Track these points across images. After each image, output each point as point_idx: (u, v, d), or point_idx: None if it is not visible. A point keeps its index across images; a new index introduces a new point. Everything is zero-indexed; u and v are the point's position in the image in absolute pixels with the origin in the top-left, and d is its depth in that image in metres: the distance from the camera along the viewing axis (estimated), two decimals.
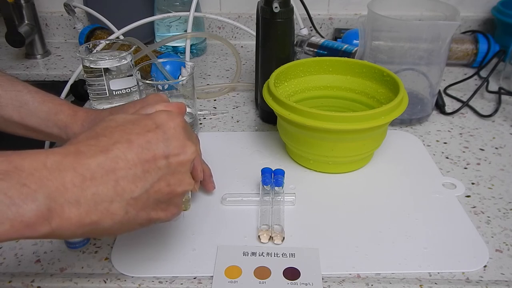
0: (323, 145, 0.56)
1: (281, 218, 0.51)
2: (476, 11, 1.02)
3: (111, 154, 0.34)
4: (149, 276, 0.45)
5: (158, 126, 0.37)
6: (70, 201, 0.32)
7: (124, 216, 0.35)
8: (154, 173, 0.36)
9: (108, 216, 0.34)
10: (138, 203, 0.35)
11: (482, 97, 0.80)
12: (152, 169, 0.35)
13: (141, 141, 0.35)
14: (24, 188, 0.30)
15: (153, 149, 0.35)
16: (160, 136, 0.36)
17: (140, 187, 0.35)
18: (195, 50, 0.98)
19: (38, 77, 0.94)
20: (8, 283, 0.44)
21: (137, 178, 0.35)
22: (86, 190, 0.33)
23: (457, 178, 0.59)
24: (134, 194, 0.35)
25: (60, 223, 0.32)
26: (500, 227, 0.52)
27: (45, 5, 1.05)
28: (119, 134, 0.35)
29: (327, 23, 1.04)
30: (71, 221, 0.32)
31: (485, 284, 0.44)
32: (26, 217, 0.30)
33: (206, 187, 0.56)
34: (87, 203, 0.33)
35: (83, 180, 0.32)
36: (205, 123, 0.72)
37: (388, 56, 0.69)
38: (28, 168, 0.31)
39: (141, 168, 0.35)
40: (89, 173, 0.33)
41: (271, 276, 0.44)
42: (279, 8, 0.62)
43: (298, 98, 0.67)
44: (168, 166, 0.36)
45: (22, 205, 0.30)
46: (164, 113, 0.38)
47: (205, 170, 0.56)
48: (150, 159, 0.35)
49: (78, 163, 0.33)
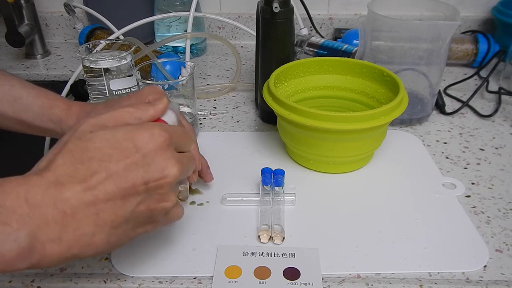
0: (323, 145, 0.56)
1: (281, 218, 0.51)
2: (476, 11, 1.02)
3: (90, 186, 0.33)
4: (149, 276, 0.45)
5: (138, 149, 0.35)
6: (52, 238, 0.32)
7: (106, 245, 0.35)
8: (133, 199, 0.35)
9: (90, 248, 0.34)
10: (119, 230, 0.36)
11: (482, 97, 0.80)
12: (131, 196, 0.35)
13: (120, 169, 0.34)
14: (6, 227, 0.30)
15: (132, 177, 0.35)
16: (139, 161, 0.35)
17: (120, 216, 0.35)
18: (195, 50, 0.98)
19: (38, 77, 0.94)
20: (8, 283, 0.44)
21: (116, 207, 0.35)
22: (67, 226, 0.33)
23: (457, 178, 0.59)
24: (115, 224, 0.35)
25: (41, 259, 0.32)
26: (500, 227, 0.52)
27: (45, 5, 1.05)
28: (97, 163, 0.34)
29: (327, 23, 1.04)
30: (52, 257, 0.33)
31: (485, 284, 0.44)
32: (6, 256, 0.30)
33: (205, 178, 0.56)
34: (68, 240, 0.33)
35: (64, 216, 0.32)
36: (205, 123, 0.72)
37: (388, 56, 0.69)
38: (10, 206, 0.31)
39: (120, 197, 0.34)
40: (69, 209, 0.33)
41: (271, 276, 0.44)
42: (279, 8, 0.62)
43: (298, 98, 0.67)
44: (147, 190, 0.36)
45: (3, 245, 0.30)
46: (146, 133, 0.36)
47: (202, 162, 0.56)
48: (129, 187, 0.35)
49: (59, 198, 0.32)
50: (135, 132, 0.36)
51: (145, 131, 0.36)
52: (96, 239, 0.34)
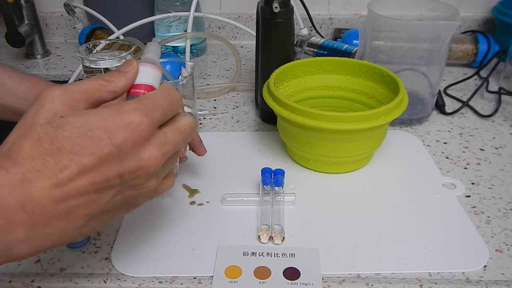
0: (323, 145, 0.56)
1: (281, 218, 0.51)
2: (476, 11, 1.02)
3: (60, 183, 0.31)
4: (149, 276, 0.45)
5: (112, 140, 0.32)
6: (20, 239, 0.31)
7: (79, 235, 0.34)
8: (108, 192, 0.33)
9: (61, 241, 0.33)
10: (93, 221, 0.34)
11: (482, 97, 0.80)
12: (105, 189, 0.33)
13: (93, 163, 0.31)
14: None
15: (106, 172, 0.32)
16: (114, 154, 0.32)
17: (94, 209, 0.33)
18: (195, 50, 0.98)
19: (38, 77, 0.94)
20: (8, 283, 0.44)
21: (89, 202, 0.32)
22: (36, 226, 0.31)
23: (457, 178, 0.59)
24: (88, 217, 0.33)
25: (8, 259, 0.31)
26: (500, 227, 0.52)
27: (45, 5, 1.05)
28: (68, 156, 0.31)
29: (327, 23, 1.04)
30: (20, 256, 0.32)
31: (485, 284, 0.44)
32: None
33: (197, 151, 0.56)
34: (37, 238, 0.31)
35: (32, 217, 0.30)
36: (205, 123, 0.72)
37: (388, 56, 0.69)
38: None
39: (93, 191, 0.32)
40: (38, 209, 0.30)
41: (271, 276, 0.44)
42: (279, 8, 0.62)
43: (298, 98, 0.67)
44: (123, 183, 0.33)
45: None
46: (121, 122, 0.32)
47: (194, 137, 0.54)
48: (103, 181, 0.32)
49: (27, 198, 0.30)
50: (110, 119, 0.32)
51: (121, 119, 0.32)
52: (68, 232, 0.32)
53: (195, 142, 0.55)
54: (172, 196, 0.56)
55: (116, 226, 0.51)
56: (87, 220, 0.33)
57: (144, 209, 0.54)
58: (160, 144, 0.34)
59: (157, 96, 0.35)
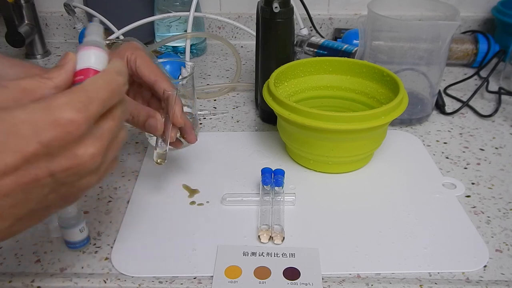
0: (323, 145, 0.56)
1: (281, 218, 0.51)
2: (476, 11, 1.02)
3: None
4: (149, 276, 0.45)
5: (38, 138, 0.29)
6: None
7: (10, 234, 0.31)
8: (39, 191, 0.31)
9: None
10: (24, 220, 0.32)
11: (482, 97, 0.80)
12: (35, 188, 0.30)
13: (17, 162, 0.28)
14: None
15: (33, 171, 0.29)
16: (41, 153, 0.29)
17: (25, 208, 0.31)
18: (195, 50, 0.98)
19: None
20: (8, 283, 0.44)
21: (16, 202, 0.30)
22: None
23: (457, 178, 0.59)
24: (18, 216, 0.31)
25: None
26: (500, 227, 0.52)
27: (45, 5, 1.05)
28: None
29: (327, 23, 1.04)
30: None
31: (485, 284, 0.44)
32: None
33: (188, 139, 0.55)
34: None
35: None
36: (205, 123, 0.72)
37: (388, 56, 0.69)
38: None
39: (21, 191, 0.29)
40: None
41: (271, 276, 0.44)
42: (279, 8, 0.62)
43: (298, 98, 0.67)
44: (55, 181, 0.31)
45: None
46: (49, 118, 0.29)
47: (185, 122, 0.53)
48: (31, 181, 0.29)
49: None
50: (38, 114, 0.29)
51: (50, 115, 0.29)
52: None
53: (186, 128, 0.54)
54: (172, 196, 0.56)
55: (116, 226, 0.51)
56: (15, 219, 0.31)
57: (144, 209, 0.54)
58: (95, 139, 0.32)
59: (95, 86, 0.32)
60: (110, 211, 0.54)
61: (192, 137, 0.55)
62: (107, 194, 0.57)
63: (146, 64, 0.51)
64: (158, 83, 0.51)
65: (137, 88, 0.54)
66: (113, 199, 0.56)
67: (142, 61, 0.51)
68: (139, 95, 0.55)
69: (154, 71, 0.51)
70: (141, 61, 0.51)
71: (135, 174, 0.60)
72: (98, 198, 0.56)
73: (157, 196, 0.56)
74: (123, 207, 0.54)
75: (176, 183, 0.58)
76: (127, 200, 0.55)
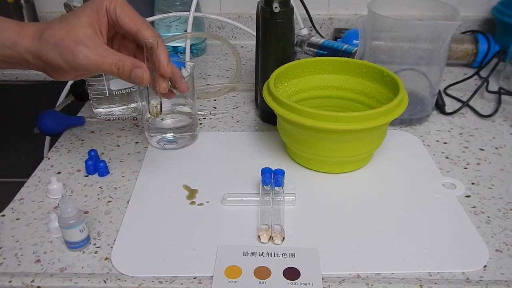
0: (323, 145, 0.56)
1: (281, 218, 0.51)
2: (476, 11, 1.02)
3: None
4: (149, 276, 0.45)
5: None
6: None
7: None
8: None
9: None
10: None
11: (482, 97, 0.80)
12: None
13: None
14: None
15: None
16: None
17: None
18: (195, 50, 0.98)
19: (38, 77, 0.94)
20: (8, 283, 0.44)
21: None
22: None
23: (457, 178, 0.59)
24: None
25: None
26: (500, 227, 0.52)
27: (45, 5, 1.05)
28: None
29: (327, 23, 1.04)
30: None
31: (485, 284, 0.44)
32: None
33: (179, 88, 0.54)
34: None
35: None
36: (205, 123, 0.72)
37: (388, 56, 0.69)
38: None
39: None
40: None
41: (271, 276, 0.44)
42: (279, 8, 0.62)
43: (298, 98, 0.67)
44: None
45: None
46: None
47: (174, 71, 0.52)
48: None
49: None
50: None
51: None
52: None
53: (175, 78, 0.53)
54: (172, 196, 0.56)
55: (116, 226, 0.51)
56: None
57: (144, 209, 0.54)
58: None
59: None
60: (110, 211, 0.54)
61: (184, 86, 0.54)
62: (107, 194, 0.57)
63: (126, 13, 0.49)
64: (140, 32, 0.49)
65: (121, 40, 0.53)
66: (113, 199, 0.56)
67: (121, 10, 0.49)
68: (124, 47, 0.53)
69: (135, 20, 0.49)
70: (121, 10, 0.49)
71: (135, 174, 0.60)
72: (98, 198, 0.56)
73: (157, 196, 0.56)
74: (123, 207, 0.54)
75: (176, 183, 0.58)
76: (127, 200, 0.55)
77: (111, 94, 0.70)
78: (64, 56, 0.46)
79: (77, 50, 0.45)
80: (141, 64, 0.47)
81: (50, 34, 0.46)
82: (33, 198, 0.56)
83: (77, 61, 0.46)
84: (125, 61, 0.47)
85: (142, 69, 0.47)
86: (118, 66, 0.47)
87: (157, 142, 0.65)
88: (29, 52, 0.47)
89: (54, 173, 0.60)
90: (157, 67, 0.49)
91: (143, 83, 0.48)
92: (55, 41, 0.45)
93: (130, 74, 0.47)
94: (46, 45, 0.46)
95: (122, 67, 0.47)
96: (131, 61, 0.47)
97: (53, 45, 0.46)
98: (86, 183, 0.58)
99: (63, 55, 0.46)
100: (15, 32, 0.47)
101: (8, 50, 0.48)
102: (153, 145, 0.65)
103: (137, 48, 0.53)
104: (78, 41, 0.46)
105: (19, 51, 0.47)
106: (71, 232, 0.47)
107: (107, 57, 0.46)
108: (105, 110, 0.72)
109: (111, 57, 0.47)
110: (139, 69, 0.47)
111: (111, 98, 0.71)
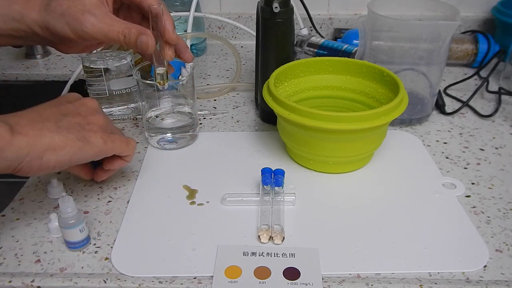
0: (323, 145, 0.56)
1: (281, 218, 0.51)
2: (476, 11, 1.02)
3: None
4: (149, 276, 0.45)
5: None
6: None
7: None
8: None
9: None
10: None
11: (482, 97, 0.80)
12: None
13: None
14: None
15: None
16: None
17: None
18: (195, 50, 0.98)
19: (38, 77, 0.94)
20: (8, 283, 0.44)
21: None
22: None
23: (457, 178, 0.59)
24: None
25: None
26: (500, 227, 0.52)
27: None
28: None
29: (327, 23, 1.04)
30: None
31: (485, 284, 0.44)
32: None
33: (184, 57, 0.55)
34: None
35: None
36: (205, 123, 0.72)
37: (388, 56, 0.69)
38: None
39: None
40: None
41: (271, 276, 0.44)
42: (279, 8, 0.62)
43: (298, 98, 0.67)
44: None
45: None
46: None
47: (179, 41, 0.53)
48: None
49: None
50: None
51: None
52: None
53: (180, 47, 0.53)
54: (172, 196, 0.56)
55: (116, 226, 0.51)
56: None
57: (144, 209, 0.54)
58: None
59: None
60: (110, 211, 0.54)
61: (189, 56, 0.54)
62: (107, 194, 0.57)
63: None
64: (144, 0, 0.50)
65: (126, 12, 0.54)
66: (113, 199, 0.56)
67: None
68: (129, 18, 0.54)
69: None
70: None
71: (135, 174, 0.60)
72: (98, 198, 0.56)
73: (157, 196, 0.56)
74: (123, 207, 0.54)
75: (176, 183, 0.58)
76: (127, 200, 0.55)
77: (111, 94, 0.70)
78: (71, 25, 0.46)
79: (84, 18, 0.46)
80: (146, 31, 0.48)
81: (56, 4, 0.47)
82: (33, 198, 0.56)
83: (84, 29, 0.46)
84: (131, 29, 0.48)
85: (148, 36, 0.48)
86: (124, 33, 0.48)
87: (157, 142, 0.65)
88: (37, 23, 0.47)
89: (54, 173, 0.60)
90: (162, 34, 0.50)
91: (149, 49, 0.49)
92: (62, 11, 0.46)
93: (136, 41, 0.48)
94: (53, 15, 0.47)
95: (128, 34, 0.48)
96: (137, 29, 0.48)
97: (60, 14, 0.46)
98: (86, 183, 0.58)
99: (70, 24, 0.46)
100: (22, 5, 0.48)
101: (16, 23, 0.48)
102: (153, 145, 0.65)
103: (143, 19, 0.54)
104: (85, 10, 0.46)
105: (27, 23, 0.48)
106: (71, 232, 0.47)
107: (114, 25, 0.47)
108: (105, 110, 0.72)
109: (117, 25, 0.48)
110: (144, 35, 0.48)
111: (111, 98, 0.71)
